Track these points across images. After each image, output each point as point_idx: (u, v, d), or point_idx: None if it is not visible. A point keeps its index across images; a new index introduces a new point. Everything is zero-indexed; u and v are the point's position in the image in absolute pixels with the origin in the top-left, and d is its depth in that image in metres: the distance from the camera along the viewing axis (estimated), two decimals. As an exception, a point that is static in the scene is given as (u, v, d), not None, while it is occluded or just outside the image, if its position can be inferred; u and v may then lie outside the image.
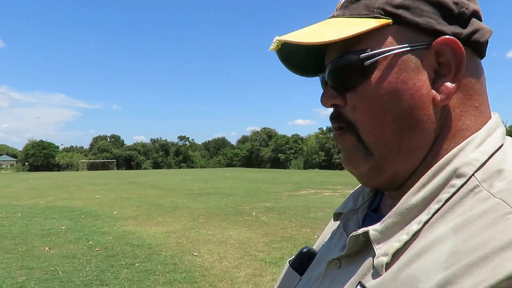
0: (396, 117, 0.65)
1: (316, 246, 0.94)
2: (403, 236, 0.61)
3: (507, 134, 0.68)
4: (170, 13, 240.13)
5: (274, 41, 0.69)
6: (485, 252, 0.49)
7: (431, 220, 0.60)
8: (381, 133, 0.67)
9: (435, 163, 0.65)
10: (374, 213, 0.79)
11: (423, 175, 0.66)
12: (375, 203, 0.82)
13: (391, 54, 0.64)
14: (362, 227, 0.75)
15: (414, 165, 0.68)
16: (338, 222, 0.86)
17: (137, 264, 7.42)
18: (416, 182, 0.67)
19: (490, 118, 0.69)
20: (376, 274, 0.62)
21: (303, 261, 0.87)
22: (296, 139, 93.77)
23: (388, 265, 0.60)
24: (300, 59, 0.77)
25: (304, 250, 0.90)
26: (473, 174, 0.60)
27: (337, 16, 0.70)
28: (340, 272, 0.70)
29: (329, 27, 0.68)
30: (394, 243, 0.61)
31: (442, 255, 0.53)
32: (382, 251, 0.62)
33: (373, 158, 0.69)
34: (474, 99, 0.67)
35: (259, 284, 6.30)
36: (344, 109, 0.70)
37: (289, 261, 0.90)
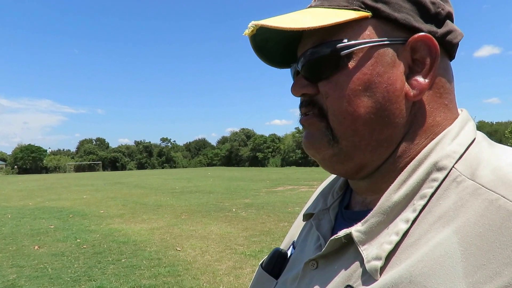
0: (369, 109, 0.62)
1: (284, 245, 0.91)
2: (392, 237, 0.57)
3: (482, 133, 0.67)
4: (151, 19, 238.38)
5: (249, 25, 0.64)
6: (509, 258, 0.47)
7: (418, 218, 0.57)
8: (352, 123, 0.63)
9: (406, 159, 0.64)
10: (346, 210, 0.75)
11: (393, 170, 0.65)
12: (345, 200, 0.78)
13: (368, 46, 0.62)
14: (335, 226, 0.74)
15: (383, 157, 0.65)
16: (307, 221, 0.85)
17: (123, 260, 7.37)
18: (385, 177, 0.66)
19: (458, 115, 0.68)
20: (369, 278, 0.57)
21: (276, 263, 0.83)
22: (274, 138, 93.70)
23: (381, 269, 0.56)
24: (272, 48, 0.73)
25: (276, 252, 0.85)
26: (453, 166, 0.59)
27: (315, 6, 0.67)
28: (318, 273, 0.67)
29: (307, 15, 0.64)
30: (384, 245, 0.57)
31: (455, 264, 0.50)
32: (373, 254, 0.58)
33: (338, 146, 0.65)
34: (444, 97, 0.66)
35: (240, 276, 6.30)
36: (316, 97, 0.67)
37: (261, 264, 0.85)
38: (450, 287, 0.49)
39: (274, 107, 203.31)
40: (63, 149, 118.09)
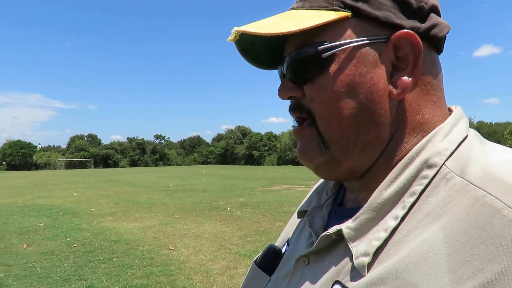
0: (353, 110, 0.63)
1: (279, 243, 0.93)
2: (381, 233, 0.59)
3: (475, 130, 0.68)
4: (145, 15, 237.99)
5: (232, 31, 0.66)
6: (492, 255, 0.48)
7: (408, 215, 0.58)
8: (338, 125, 0.64)
9: (397, 156, 0.65)
10: (339, 207, 0.77)
11: (384, 168, 0.65)
12: (339, 198, 0.80)
13: (350, 47, 0.63)
14: (328, 223, 0.76)
15: (372, 158, 0.66)
16: (301, 218, 0.86)
17: (114, 259, 7.38)
18: (376, 175, 0.67)
19: (448, 112, 0.69)
20: (357, 274, 0.59)
21: (270, 260, 0.84)
22: (270, 136, 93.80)
23: (369, 265, 0.58)
24: (259, 51, 0.74)
25: (270, 249, 0.87)
26: (443, 163, 0.59)
27: (297, 8, 0.68)
28: (309, 269, 0.68)
29: (288, 18, 0.65)
30: (373, 242, 0.59)
31: (440, 260, 0.51)
32: (361, 250, 0.59)
33: (329, 151, 0.67)
34: (432, 94, 0.66)
35: (234, 276, 6.33)
36: (303, 100, 0.68)
37: (255, 261, 0.87)
38: (434, 283, 0.50)
39: (270, 104, 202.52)
40: (54, 145, 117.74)
